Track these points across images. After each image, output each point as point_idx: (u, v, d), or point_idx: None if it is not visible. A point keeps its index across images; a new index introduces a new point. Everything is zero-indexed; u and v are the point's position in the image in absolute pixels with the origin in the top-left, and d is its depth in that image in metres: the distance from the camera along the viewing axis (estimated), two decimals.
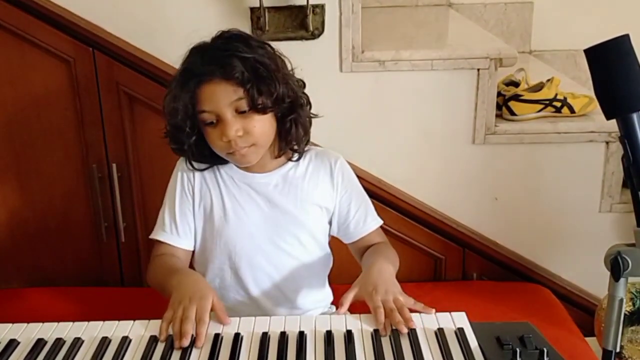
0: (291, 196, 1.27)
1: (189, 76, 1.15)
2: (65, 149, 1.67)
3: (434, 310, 1.09)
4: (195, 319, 1.04)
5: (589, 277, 1.75)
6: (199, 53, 1.17)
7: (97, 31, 1.57)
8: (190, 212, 1.28)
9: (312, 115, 1.27)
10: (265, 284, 1.29)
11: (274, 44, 1.23)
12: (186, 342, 1.01)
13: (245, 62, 1.13)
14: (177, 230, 1.28)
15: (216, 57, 1.14)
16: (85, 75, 1.59)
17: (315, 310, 1.36)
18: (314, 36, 1.57)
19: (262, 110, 1.15)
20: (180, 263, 1.27)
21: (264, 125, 1.17)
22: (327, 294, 1.40)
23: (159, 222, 1.30)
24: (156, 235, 1.29)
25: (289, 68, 1.23)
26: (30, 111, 1.64)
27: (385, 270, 1.17)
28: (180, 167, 1.30)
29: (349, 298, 1.12)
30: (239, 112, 1.15)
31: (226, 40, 1.17)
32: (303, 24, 1.56)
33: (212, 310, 1.07)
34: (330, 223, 1.34)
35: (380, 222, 1.36)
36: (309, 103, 1.27)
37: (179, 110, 1.15)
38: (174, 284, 1.13)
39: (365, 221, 1.33)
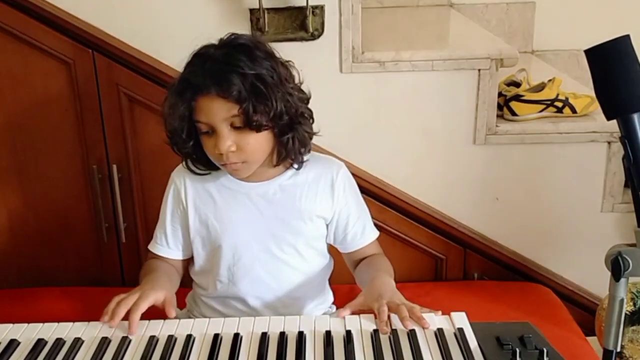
0: (289, 205, 1.25)
1: (186, 86, 1.13)
2: (66, 150, 1.67)
3: (440, 312, 1.10)
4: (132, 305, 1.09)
5: (590, 277, 1.74)
6: (200, 62, 1.14)
7: (97, 33, 1.57)
8: (181, 226, 1.31)
9: (312, 133, 1.24)
10: (265, 293, 1.29)
11: (273, 46, 1.21)
12: (113, 324, 1.08)
13: (245, 79, 1.10)
14: (168, 243, 1.32)
15: (215, 70, 1.11)
16: (85, 77, 1.60)
17: (316, 312, 1.36)
18: (313, 37, 1.57)
19: (257, 128, 1.13)
20: (167, 267, 1.31)
21: (257, 143, 1.16)
22: (327, 296, 1.40)
23: (154, 235, 1.35)
24: (150, 247, 1.35)
25: (297, 80, 1.21)
26: (30, 113, 1.64)
27: (388, 282, 1.20)
28: (173, 182, 1.30)
29: (353, 304, 1.12)
30: (234, 127, 1.13)
31: (230, 52, 1.13)
32: (303, 25, 1.55)
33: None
34: (327, 231, 1.33)
35: (377, 233, 1.36)
36: (311, 117, 1.24)
37: (177, 117, 1.16)
38: (144, 280, 1.21)
39: (363, 233, 1.32)
